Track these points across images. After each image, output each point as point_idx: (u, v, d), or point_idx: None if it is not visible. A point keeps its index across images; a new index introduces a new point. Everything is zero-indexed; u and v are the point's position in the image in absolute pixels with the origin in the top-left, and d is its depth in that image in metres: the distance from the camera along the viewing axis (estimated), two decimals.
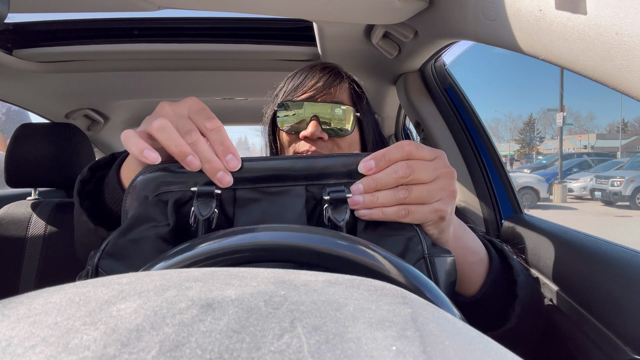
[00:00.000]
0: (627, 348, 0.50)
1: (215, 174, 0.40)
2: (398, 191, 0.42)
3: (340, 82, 0.74)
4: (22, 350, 0.13)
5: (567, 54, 0.45)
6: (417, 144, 0.43)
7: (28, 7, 0.81)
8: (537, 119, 42.73)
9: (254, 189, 0.44)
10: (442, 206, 0.43)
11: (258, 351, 0.13)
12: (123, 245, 0.39)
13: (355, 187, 0.42)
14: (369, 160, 0.43)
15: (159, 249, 0.40)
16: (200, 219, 0.40)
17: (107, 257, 0.39)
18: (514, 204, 1.02)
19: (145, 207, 0.41)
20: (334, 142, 0.72)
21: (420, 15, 0.82)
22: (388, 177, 0.42)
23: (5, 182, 1.16)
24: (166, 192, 0.42)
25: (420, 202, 0.42)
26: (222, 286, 0.19)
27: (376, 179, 0.42)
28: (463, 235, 0.53)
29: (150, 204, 0.42)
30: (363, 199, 0.42)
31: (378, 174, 0.42)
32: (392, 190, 0.42)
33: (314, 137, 0.70)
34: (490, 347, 0.16)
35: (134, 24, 1.17)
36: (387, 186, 0.42)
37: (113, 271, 0.38)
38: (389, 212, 0.42)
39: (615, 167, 14.30)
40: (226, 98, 1.70)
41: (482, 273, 0.55)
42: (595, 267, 0.60)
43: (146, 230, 0.40)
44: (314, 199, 0.44)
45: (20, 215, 1.12)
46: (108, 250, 0.39)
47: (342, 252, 0.32)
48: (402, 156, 0.42)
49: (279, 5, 0.81)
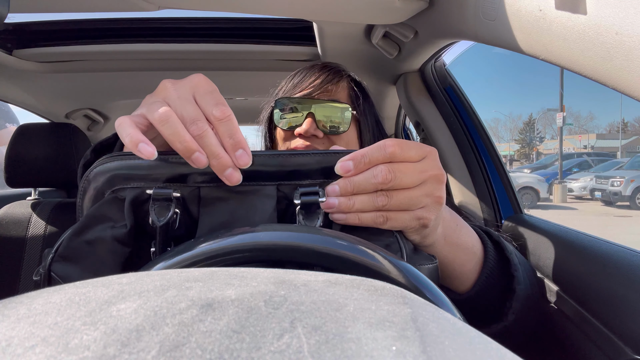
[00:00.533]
0: (627, 348, 0.50)
1: (223, 172, 0.36)
2: (377, 197, 0.38)
3: (339, 80, 0.74)
4: (22, 350, 0.13)
5: (567, 54, 0.45)
6: (403, 143, 0.39)
7: (28, 7, 0.81)
8: (537, 119, 42.73)
9: (220, 187, 0.39)
10: (426, 214, 0.40)
11: (258, 351, 0.13)
12: (77, 247, 0.36)
13: (330, 189, 0.39)
14: (347, 160, 0.39)
15: (115, 251, 0.37)
16: (157, 225, 0.36)
17: (60, 259, 0.36)
18: (514, 204, 1.02)
19: (100, 205, 0.38)
20: (330, 140, 0.72)
21: (420, 15, 0.82)
22: (367, 181, 0.38)
23: (5, 182, 1.16)
24: (123, 189, 0.38)
25: (401, 209, 0.39)
26: (222, 286, 0.19)
27: (354, 182, 0.38)
28: (454, 233, 0.49)
29: (106, 201, 0.38)
30: (338, 203, 0.38)
31: (356, 177, 0.38)
32: (371, 195, 0.38)
33: (307, 134, 0.70)
34: (490, 347, 0.16)
35: (134, 24, 1.17)
36: (365, 191, 0.38)
37: (67, 276, 0.35)
38: (366, 218, 0.39)
39: (615, 167, 14.30)
40: (226, 98, 1.70)
41: (476, 269, 0.53)
42: (595, 267, 0.60)
43: (102, 230, 0.37)
44: (286, 199, 0.41)
45: (20, 215, 1.12)
46: (61, 252, 0.36)
47: (342, 252, 0.32)
48: (384, 158, 0.38)
49: (279, 5, 0.81)
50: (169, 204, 0.37)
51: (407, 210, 0.39)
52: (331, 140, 0.72)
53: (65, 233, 0.37)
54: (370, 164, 0.38)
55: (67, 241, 0.36)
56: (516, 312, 0.52)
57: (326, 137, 0.72)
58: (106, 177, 0.38)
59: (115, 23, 1.17)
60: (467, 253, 0.51)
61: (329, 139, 0.72)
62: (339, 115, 0.72)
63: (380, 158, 0.38)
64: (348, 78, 0.77)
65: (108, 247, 0.37)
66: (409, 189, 0.39)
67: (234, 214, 0.39)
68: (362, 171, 0.39)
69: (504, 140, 46.37)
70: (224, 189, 0.40)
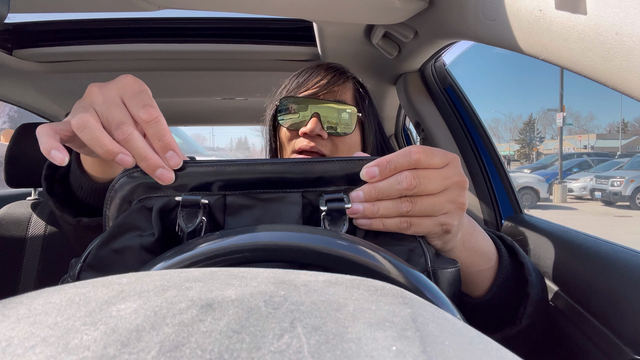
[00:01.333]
0: (627, 348, 0.50)
1: (154, 172, 0.37)
2: (401, 203, 0.39)
3: (344, 81, 0.74)
4: (22, 350, 0.13)
5: (567, 54, 0.45)
6: (427, 150, 0.39)
7: (28, 7, 0.81)
8: (537, 119, 42.74)
9: (246, 195, 0.40)
10: (449, 220, 0.40)
11: (258, 351, 0.13)
12: (105, 255, 0.37)
13: (355, 195, 0.39)
14: (372, 166, 0.39)
15: (143, 260, 0.37)
16: (186, 232, 0.37)
17: (88, 268, 0.36)
18: (514, 204, 1.02)
19: (128, 214, 0.38)
20: (333, 141, 0.72)
21: (420, 15, 0.82)
22: (391, 187, 0.38)
23: (5, 182, 1.16)
24: (150, 198, 0.39)
25: (425, 215, 0.40)
26: (222, 286, 0.19)
27: (378, 188, 0.39)
28: (472, 238, 0.50)
29: (133, 210, 0.38)
30: (363, 208, 0.39)
31: (381, 183, 0.39)
32: (395, 201, 0.39)
33: (313, 134, 0.70)
34: (490, 347, 0.16)
35: (134, 24, 1.17)
36: (390, 197, 0.39)
37: None
38: (390, 224, 0.39)
39: (615, 167, 14.30)
40: (226, 98, 1.70)
41: (492, 274, 0.53)
42: (595, 267, 0.60)
43: (130, 239, 0.37)
44: (311, 206, 0.41)
45: (20, 215, 1.12)
46: (89, 261, 0.36)
47: (342, 252, 0.32)
48: (408, 164, 0.39)
49: (279, 5, 0.81)
50: (197, 210, 0.38)
51: (430, 216, 0.40)
52: (334, 142, 0.72)
53: (93, 242, 0.37)
54: (396, 170, 0.39)
55: (96, 250, 0.37)
56: (530, 316, 0.52)
57: (330, 138, 0.71)
58: (132, 186, 0.39)
59: (115, 23, 1.17)
60: (483, 258, 0.51)
61: (332, 140, 0.72)
62: (344, 117, 0.72)
63: (406, 164, 0.39)
64: (353, 80, 0.77)
65: (136, 255, 0.37)
66: (433, 195, 0.39)
67: (260, 220, 0.40)
68: (387, 177, 0.39)
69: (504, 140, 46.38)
70: (250, 197, 0.40)
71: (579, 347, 0.60)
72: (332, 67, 0.76)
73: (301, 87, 0.74)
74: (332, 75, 0.73)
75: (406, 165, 0.39)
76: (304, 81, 0.74)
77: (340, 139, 0.72)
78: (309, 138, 0.70)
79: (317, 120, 0.69)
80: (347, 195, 0.40)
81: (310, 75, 0.74)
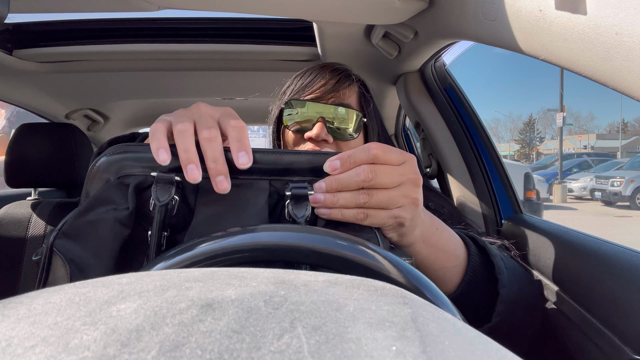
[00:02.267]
0: (627, 348, 0.50)
1: (216, 177, 0.40)
2: (359, 195, 0.42)
3: (349, 84, 0.74)
4: (22, 350, 0.13)
5: (567, 54, 0.45)
6: (385, 147, 0.43)
7: (28, 7, 0.81)
8: (537, 119, 42.73)
9: None
10: (402, 213, 0.43)
11: (258, 351, 0.13)
12: (80, 225, 0.39)
13: (317, 185, 0.43)
14: (335, 160, 0.42)
15: (116, 232, 0.39)
16: (158, 205, 0.39)
17: (62, 236, 0.38)
18: (514, 204, 1.02)
19: (106, 189, 0.41)
20: (338, 145, 0.72)
21: (420, 15, 0.82)
22: (350, 179, 0.42)
23: (5, 182, 1.16)
24: (128, 175, 0.41)
25: (380, 207, 0.43)
26: (222, 286, 0.19)
27: (338, 180, 0.42)
28: (434, 235, 0.52)
29: (111, 185, 0.41)
30: (324, 198, 0.42)
31: (341, 175, 0.42)
32: (353, 192, 0.42)
33: (318, 139, 0.70)
34: (490, 347, 0.16)
35: (134, 24, 1.17)
36: (349, 188, 0.42)
37: (68, 252, 0.37)
38: (348, 214, 0.42)
39: (615, 168, 14.30)
40: (226, 98, 1.70)
41: (460, 271, 0.55)
42: (595, 267, 0.60)
43: (105, 212, 0.39)
44: (277, 194, 0.44)
45: (20, 215, 1.12)
46: (64, 229, 0.38)
47: (342, 252, 0.32)
48: (367, 159, 0.42)
49: (279, 5, 0.81)
50: (170, 187, 0.40)
51: (385, 208, 0.43)
52: (339, 146, 0.72)
53: (69, 214, 0.40)
54: (355, 164, 0.42)
55: (72, 220, 0.39)
56: (501, 314, 0.53)
57: (335, 142, 0.72)
58: (114, 165, 0.42)
59: (115, 23, 1.17)
60: (449, 256, 0.54)
61: (337, 144, 0.72)
62: (349, 121, 0.72)
63: (364, 159, 0.42)
64: (358, 83, 0.77)
65: (109, 227, 0.39)
66: (388, 189, 0.43)
67: (228, 205, 0.42)
68: (347, 170, 0.42)
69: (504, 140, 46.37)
70: None
71: (579, 347, 0.60)
72: (337, 69, 0.75)
73: (306, 89, 0.73)
74: (338, 78, 0.73)
75: (365, 160, 0.42)
76: (309, 83, 0.74)
77: (345, 143, 0.72)
78: (315, 142, 0.71)
79: (323, 125, 0.70)
80: (311, 185, 0.43)
81: (315, 77, 0.74)
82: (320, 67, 0.76)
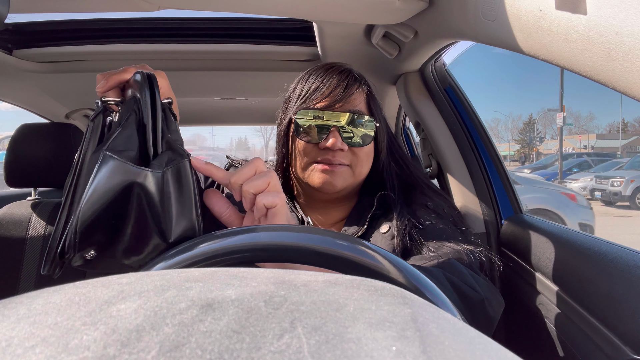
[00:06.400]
0: (627, 348, 0.50)
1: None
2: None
3: (357, 88, 0.73)
4: (22, 350, 0.13)
5: (567, 54, 0.45)
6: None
7: (28, 7, 0.81)
8: (537, 119, 42.72)
9: None
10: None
11: (258, 351, 0.13)
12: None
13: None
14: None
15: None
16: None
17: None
18: (514, 204, 1.02)
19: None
20: (353, 151, 0.72)
21: (420, 15, 0.82)
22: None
23: (5, 182, 1.16)
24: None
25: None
26: (222, 286, 0.19)
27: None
28: None
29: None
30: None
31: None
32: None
33: (335, 148, 0.69)
34: (490, 347, 0.16)
35: (134, 24, 1.17)
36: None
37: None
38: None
39: (615, 168, 14.29)
40: (226, 98, 1.70)
41: None
42: (595, 267, 0.60)
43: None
44: None
45: (20, 215, 1.12)
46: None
47: (342, 252, 0.32)
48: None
49: (279, 5, 0.81)
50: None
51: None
52: (354, 152, 0.72)
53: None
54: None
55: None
56: None
57: (350, 149, 0.72)
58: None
59: (115, 23, 1.17)
60: None
61: (352, 150, 0.72)
62: (363, 128, 0.72)
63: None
64: (366, 85, 0.76)
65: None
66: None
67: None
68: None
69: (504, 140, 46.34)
70: None
71: (579, 347, 0.60)
72: (343, 71, 0.74)
73: (315, 95, 0.72)
74: (346, 82, 0.72)
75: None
76: (318, 88, 0.72)
77: (359, 149, 0.72)
78: (330, 152, 0.70)
79: (338, 134, 0.70)
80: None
81: (323, 82, 0.72)
82: (325, 70, 0.74)
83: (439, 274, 0.56)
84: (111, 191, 0.39)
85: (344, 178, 0.72)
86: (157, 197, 0.41)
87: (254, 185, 0.47)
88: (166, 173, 0.43)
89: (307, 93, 0.73)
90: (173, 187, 0.43)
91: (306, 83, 0.74)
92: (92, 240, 0.40)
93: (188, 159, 0.45)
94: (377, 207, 0.74)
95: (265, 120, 2.27)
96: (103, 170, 0.40)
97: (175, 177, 0.43)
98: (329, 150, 0.70)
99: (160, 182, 0.42)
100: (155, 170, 0.41)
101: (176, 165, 0.44)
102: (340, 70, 0.74)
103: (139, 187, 0.40)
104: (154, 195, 0.41)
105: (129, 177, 0.40)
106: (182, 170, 0.44)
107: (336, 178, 0.71)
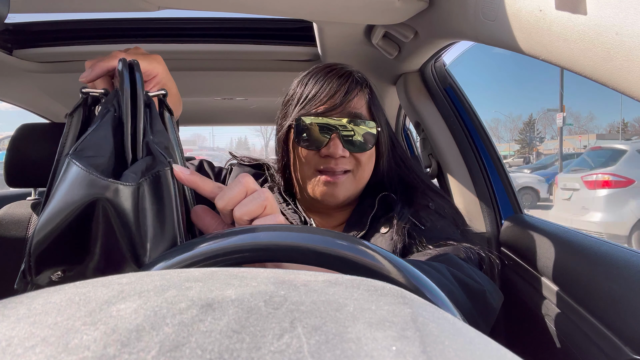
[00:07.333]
0: (627, 348, 0.50)
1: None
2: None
3: (358, 91, 0.72)
4: (22, 350, 0.13)
5: (567, 54, 0.45)
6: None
7: (28, 7, 0.81)
8: (537, 119, 42.72)
9: None
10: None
11: (258, 351, 0.13)
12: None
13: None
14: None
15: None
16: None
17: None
18: (514, 204, 1.02)
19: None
20: (354, 157, 0.71)
21: (420, 15, 0.82)
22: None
23: (5, 182, 1.16)
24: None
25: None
26: (222, 286, 0.19)
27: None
28: None
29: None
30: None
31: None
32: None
33: (336, 156, 0.68)
34: (490, 347, 0.16)
35: (134, 24, 1.17)
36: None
37: None
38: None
39: None
40: (226, 98, 1.70)
41: None
42: (595, 267, 0.60)
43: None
44: None
45: (20, 215, 1.12)
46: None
47: (342, 252, 0.32)
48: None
49: (279, 5, 0.81)
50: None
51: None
52: (356, 157, 0.71)
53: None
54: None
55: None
56: None
57: (351, 154, 0.71)
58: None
59: (115, 23, 1.17)
60: None
61: (354, 156, 0.71)
62: (365, 133, 0.70)
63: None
64: (367, 88, 0.74)
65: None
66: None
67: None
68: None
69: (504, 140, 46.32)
70: None
71: (579, 347, 0.60)
72: (343, 74, 0.72)
73: (315, 100, 0.70)
74: (347, 86, 0.70)
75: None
76: (318, 92, 0.70)
77: (360, 154, 0.71)
78: (332, 159, 0.69)
79: (339, 140, 0.68)
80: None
81: (322, 87, 0.70)
82: (325, 73, 0.72)
83: (442, 268, 0.56)
84: (71, 206, 0.34)
85: (346, 188, 0.71)
86: (130, 215, 0.35)
87: (248, 212, 0.40)
88: (142, 185, 0.36)
89: (306, 98, 0.71)
90: (150, 202, 0.36)
91: (305, 87, 0.72)
92: (54, 261, 0.35)
93: (170, 167, 0.38)
94: (379, 209, 0.74)
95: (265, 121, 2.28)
96: (65, 180, 0.34)
97: (153, 190, 0.37)
98: (331, 158, 0.69)
99: (135, 196, 0.35)
100: (128, 183, 0.35)
101: (155, 175, 0.37)
102: (340, 74, 0.72)
103: (106, 204, 0.34)
104: (127, 213, 0.35)
105: (94, 190, 0.34)
106: (163, 180, 0.37)
107: (338, 190, 0.70)
